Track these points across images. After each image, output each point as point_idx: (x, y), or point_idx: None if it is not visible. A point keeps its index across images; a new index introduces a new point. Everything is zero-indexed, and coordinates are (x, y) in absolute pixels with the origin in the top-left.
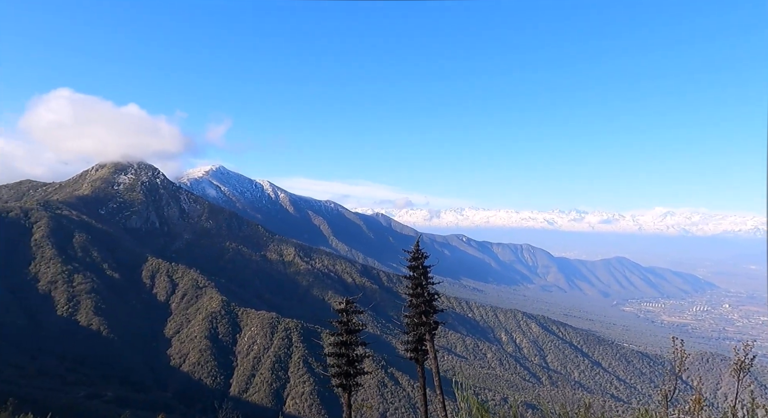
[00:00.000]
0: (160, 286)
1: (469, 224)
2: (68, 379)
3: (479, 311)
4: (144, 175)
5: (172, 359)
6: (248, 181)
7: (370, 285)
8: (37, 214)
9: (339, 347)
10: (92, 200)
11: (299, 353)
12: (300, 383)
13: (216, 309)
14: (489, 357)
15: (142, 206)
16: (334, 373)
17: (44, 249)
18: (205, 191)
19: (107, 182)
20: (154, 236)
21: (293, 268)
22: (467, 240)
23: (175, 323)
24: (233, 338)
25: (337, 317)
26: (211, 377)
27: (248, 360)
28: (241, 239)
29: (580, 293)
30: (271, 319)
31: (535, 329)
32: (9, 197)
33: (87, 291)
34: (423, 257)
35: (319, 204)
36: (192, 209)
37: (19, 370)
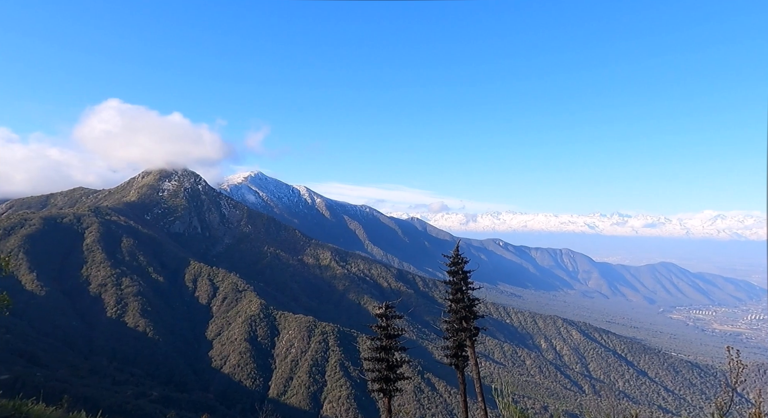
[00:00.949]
0: (202, 289)
1: (506, 228)
2: (117, 378)
3: (517, 317)
4: (186, 182)
5: (213, 361)
6: (285, 187)
7: (405, 290)
8: (89, 219)
9: (378, 351)
10: (138, 206)
11: (336, 357)
12: (337, 386)
13: (255, 312)
14: (528, 364)
15: (185, 212)
16: (374, 377)
17: (95, 253)
18: (245, 197)
19: (152, 189)
20: (196, 241)
21: (329, 272)
22: (504, 244)
23: (216, 325)
24: (271, 340)
25: (376, 321)
26: (251, 379)
27: (286, 363)
28: (278, 243)
29: (623, 300)
30: (308, 322)
31: (576, 336)
32: (63, 204)
33: (134, 294)
34: (463, 262)
35: (355, 209)
36: (232, 214)
37: (72, 369)
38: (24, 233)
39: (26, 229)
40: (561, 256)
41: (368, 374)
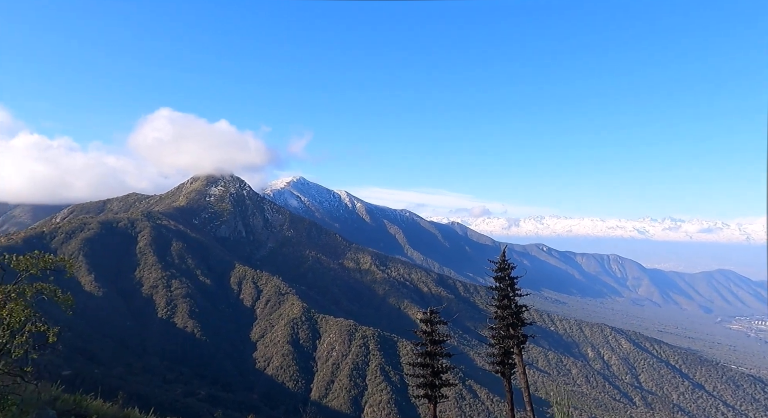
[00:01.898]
0: (247, 292)
1: (550, 233)
2: (168, 377)
3: (562, 324)
4: (232, 187)
5: (258, 362)
6: (326, 192)
7: (446, 295)
8: (141, 224)
9: (423, 357)
10: (187, 211)
11: (376, 361)
12: (377, 391)
13: (297, 315)
14: (574, 373)
15: (231, 216)
16: (419, 383)
17: (147, 256)
18: (287, 202)
19: (200, 194)
20: (241, 245)
21: (370, 276)
22: (548, 250)
23: (260, 327)
24: (313, 343)
25: (418, 326)
26: (293, 380)
27: (327, 366)
28: (320, 247)
29: (676, 308)
30: (348, 326)
31: (625, 345)
32: (119, 209)
33: (183, 296)
34: (510, 268)
35: (395, 213)
36: (275, 218)
37: (127, 367)
38: (83, 236)
39: (85, 233)
40: (608, 262)
41: (413, 380)
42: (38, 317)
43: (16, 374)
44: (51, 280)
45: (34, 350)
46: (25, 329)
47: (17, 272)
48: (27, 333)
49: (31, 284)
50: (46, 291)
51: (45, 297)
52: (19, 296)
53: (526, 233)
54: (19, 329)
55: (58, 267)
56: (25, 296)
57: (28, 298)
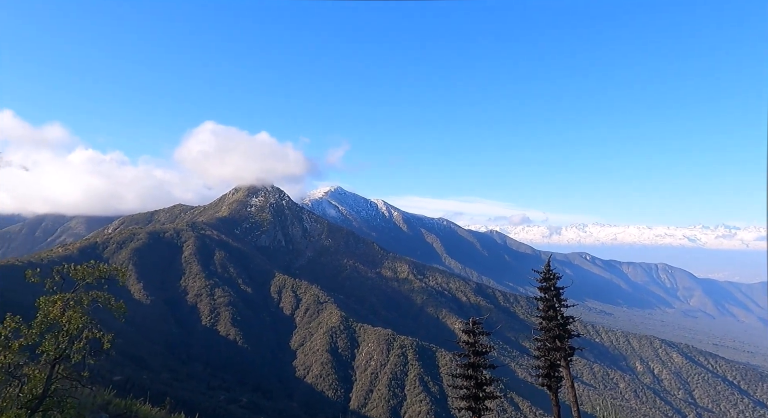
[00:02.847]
0: (286, 300)
1: (593, 241)
2: (211, 383)
3: (608, 336)
4: (272, 198)
5: (297, 370)
6: (363, 201)
7: (485, 304)
8: (186, 234)
9: (466, 368)
10: (229, 221)
11: (415, 371)
12: (417, 401)
13: (335, 324)
14: (622, 387)
15: (271, 226)
16: (462, 395)
17: (191, 265)
18: (325, 211)
19: (242, 204)
20: (281, 254)
21: (407, 285)
22: (591, 258)
23: (300, 336)
24: (352, 352)
25: (455, 336)
26: (332, 389)
27: (366, 375)
28: (357, 256)
29: (733, 320)
30: (387, 336)
31: (677, 359)
32: (165, 220)
33: (225, 304)
34: (555, 278)
35: (432, 222)
36: (313, 228)
37: (173, 373)
38: (133, 246)
39: (134, 243)
40: (657, 271)
41: (455, 391)
42: (94, 324)
43: (75, 379)
44: (105, 288)
45: (90, 355)
46: (83, 335)
47: (75, 280)
48: (84, 339)
49: (87, 292)
50: (101, 299)
51: (100, 305)
52: (76, 304)
53: (568, 242)
54: (77, 335)
55: (111, 276)
56: (83, 303)
57: (85, 306)
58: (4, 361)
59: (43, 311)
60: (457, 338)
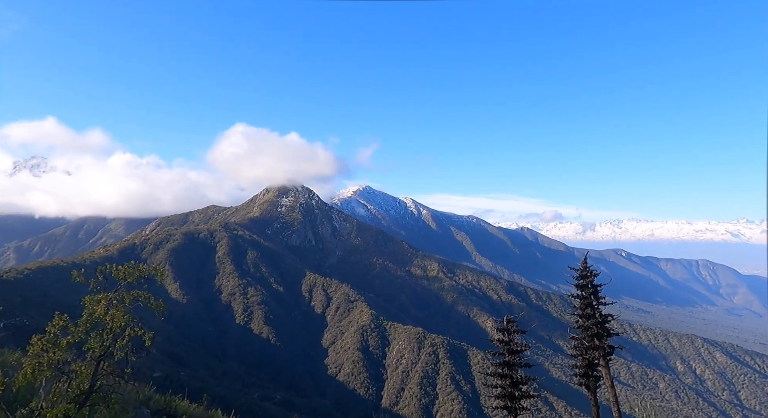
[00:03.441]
0: (317, 299)
1: (629, 237)
2: (246, 381)
3: (646, 334)
4: (302, 197)
5: (329, 369)
6: (392, 199)
7: (517, 302)
8: (219, 234)
9: (501, 367)
10: (261, 221)
11: (446, 370)
12: (448, 400)
13: (366, 322)
14: (661, 388)
15: (301, 226)
16: (498, 394)
17: (225, 265)
18: (354, 210)
19: (272, 205)
20: (311, 253)
21: (437, 283)
22: (627, 255)
23: (331, 334)
24: (382, 351)
25: (497, 335)
26: (364, 387)
27: (397, 374)
28: (386, 255)
29: None
30: (417, 334)
31: (720, 358)
32: (199, 221)
33: (258, 303)
34: (592, 275)
35: (461, 220)
36: (342, 227)
37: (209, 370)
38: (169, 247)
39: (171, 243)
40: (697, 268)
41: (490, 390)
42: (136, 322)
43: (118, 375)
44: (145, 288)
45: (133, 353)
46: (126, 333)
47: (117, 280)
48: (127, 337)
49: (128, 291)
50: (142, 298)
51: (141, 304)
52: (119, 303)
53: (602, 238)
54: (120, 333)
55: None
56: (125, 302)
57: (126, 304)
58: (53, 357)
59: (88, 310)
60: (490, 337)
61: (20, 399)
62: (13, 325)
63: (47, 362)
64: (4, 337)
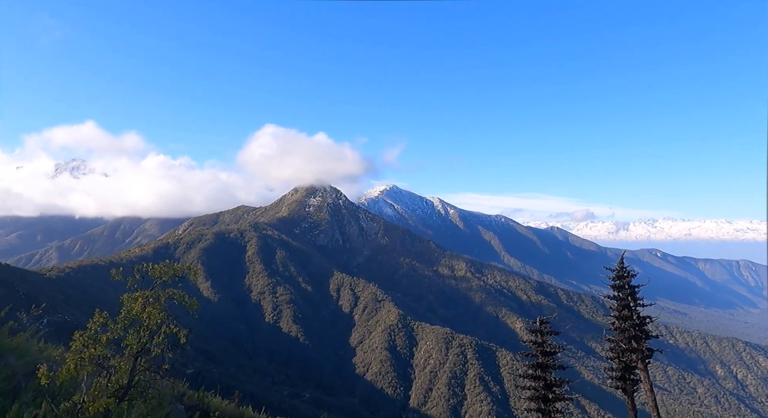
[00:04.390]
0: (345, 298)
1: (664, 237)
2: (276, 378)
3: (683, 337)
4: (329, 198)
5: (357, 367)
6: (419, 199)
7: (547, 303)
8: (249, 234)
9: (535, 368)
10: (289, 221)
11: (475, 371)
12: (477, 401)
13: (393, 322)
14: (700, 392)
15: (328, 226)
16: (531, 396)
17: (255, 264)
18: (381, 210)
19: (300, 205)
20: (338, 252)
21: (465, 283)
22: (663, 255)
23: (359, 333)
24: (410, 350)
25: (529, 337)
26: (392, 387)
27: (425, 374)
28: (413, 254)
29: None
30: (445, 334)
31: (764, 363)
32: (230, 221)
33: (287, 301)
34: (629, 276)
35: (489, 219)
36: (369, 226)
37: (240, 368)
38: (201, 246)
39: (202, 243)
40: (738, 268)
41: (522, 392)
42: (171, 319)
43: (155, 371)
44: (179, 286)
45: (168, 349)
46: (161, 330)
47: (152, 279)
48: (163, 334)
49: (164, 290)
50: (177, 296)
51: (175, 302)
52: (155, 301)
53: (636, 238)
54: (156, 330)
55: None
56: (160, 300)
57: (162, 302)
58: (94, 353)
59: (126, 308)
60: (520, 337)
61: (63, 393)
62: (55, 321)
63: (89, 358)
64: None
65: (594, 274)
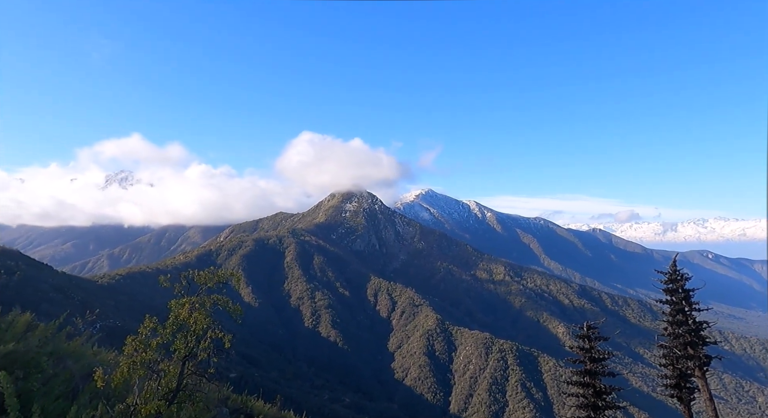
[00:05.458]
0: (382, 303)
1: (716, 237)
2: (315, 382)
3: (740, 343)
4: (365, 203)
5: (396, 373)
6: (455, 203)
7: (590, 307)
8: (287, 240)
9: (583, 375)
10: (326, 227)
11: (516, 377)
12: (519, 408)
13: (431, 327)
14: (760, 402)
15: (365, 231)
16: (580, 404)
17: (293, 270)
18: (417, 214)
19: (337, 210)
20: (375, 257)
21: (504, 287)
22: (715, 257)
23: (397, 338)
24: (449, 356)
25: (576, 342)
26: (431, 392)
27: (465, 379)
28: (450, 258)
29: None
30: (484, 339)
31: None
32: (268, 228)
33: (325, 306)
34: (683, 279)
35: (528, 222)
36: (405, 231)
37: (280, 372)
38: (241, 253)
39: (243, 250)
40: None
41: (570, 400)
42: (216, 324)
43: (201, 375)
44: (224, 292)
45: (214, 354)
46: (207, 335)
47: (198, 285)
48: (209, 339)
49: (209, 295)
50: (221, 302)
51: (220, 307)
52: (201, 307)
53: (685, 239)
54: (203, 335)
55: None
56: (206, 306)
57: (207, 308)
58: (145, 357)
59: (174, 313)
60: (561, 342)
61: (117, 395)
62: (107, 326)
63: (140, 362)
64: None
65: (640, 277)
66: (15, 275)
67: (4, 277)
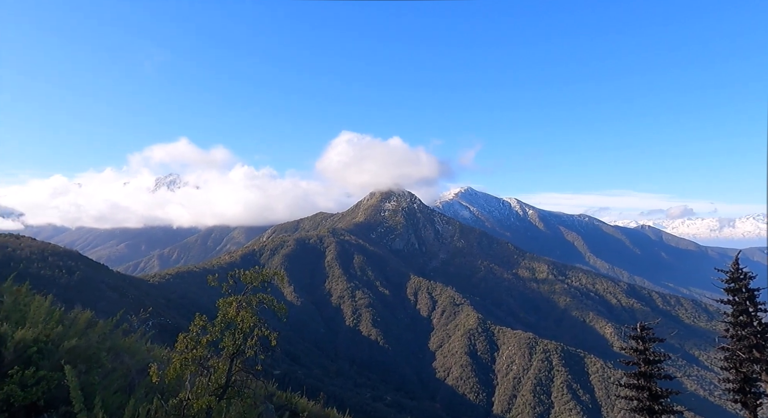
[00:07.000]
0: (422, 302)
1: None
2: (357, 381)
3: None
4: (404, 202)
5: (437, 372)
6: (495, 200)
7: (639, 307)
8: (328, 240)
9: (637, 378)
10: (365, 226)
11: (561, 378)
12: (566, 409)
13: (473, 326)
14: None
15: (404, 230)
16: (635, 407)
17: (334, 269)
18: (457, 212)
19: (376, 209)
20: (414, 256)
21: (547, 286)
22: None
23: (438, 337)
24: (491, 356)
25: (630, 344)
26: (474, 392)
27: (508, 380)
28: (491, 257)
29: None
30: (528, 339)
31: None
32: (309, 227)
33: (366, 305)
34: (747, 278)
35: (572, 219)
36: (445, 229)
37: (323, 370)
38: (283, 252)
39: (284, 249)
40: None
41: (621, 402)
42: (263, 323)
43: (249, 371)
44: (269, 291)
45: (261, 351)
46: (254, 333)
47: (244, 284)
48: (255, 337)
49: (254, 294)
50: (266, 301)
51: (266, 306)
52: (247, 305)
53: (744, 235)
54: (249, 333)
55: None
56: (252, 305)
57: (254, 306)
58: (196, 354)
59: (222, 311)
60: (610, 343)
61: (170, 390)
62: (159, 323)
63: (191, 358)
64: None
65: (694, 275)
66: (75, 275)
67: (66, 276)
